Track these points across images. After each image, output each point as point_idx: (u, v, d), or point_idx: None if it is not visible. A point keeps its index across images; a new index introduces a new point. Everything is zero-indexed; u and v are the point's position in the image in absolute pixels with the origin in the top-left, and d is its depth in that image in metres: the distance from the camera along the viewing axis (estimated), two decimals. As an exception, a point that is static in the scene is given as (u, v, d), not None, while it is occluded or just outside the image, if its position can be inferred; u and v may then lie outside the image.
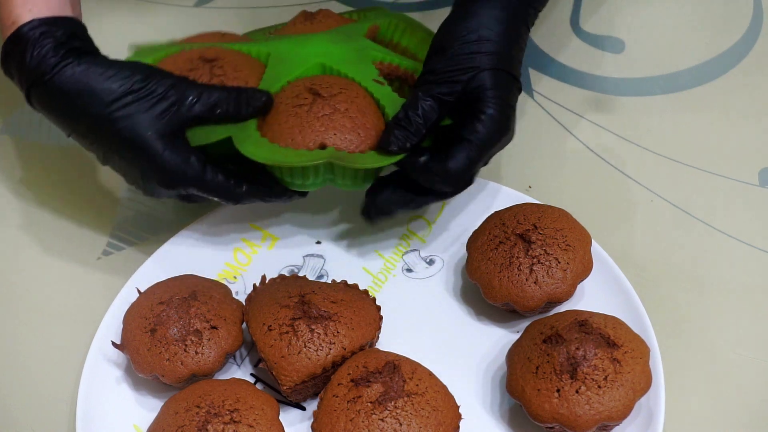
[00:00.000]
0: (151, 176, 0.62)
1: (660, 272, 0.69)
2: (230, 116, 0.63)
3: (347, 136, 0.63)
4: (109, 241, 0.73)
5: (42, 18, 0.61)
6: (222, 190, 0.63)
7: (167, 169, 0.61)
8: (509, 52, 0.63)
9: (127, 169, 0.63)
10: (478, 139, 0.61)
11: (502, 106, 0.62)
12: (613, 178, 0.75)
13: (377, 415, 0.55)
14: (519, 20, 0.64)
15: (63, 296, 0.70)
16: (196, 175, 0.62)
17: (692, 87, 0.81)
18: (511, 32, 0.63)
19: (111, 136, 0.61)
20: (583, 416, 0.55)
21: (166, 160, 0.61)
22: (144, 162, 0.61)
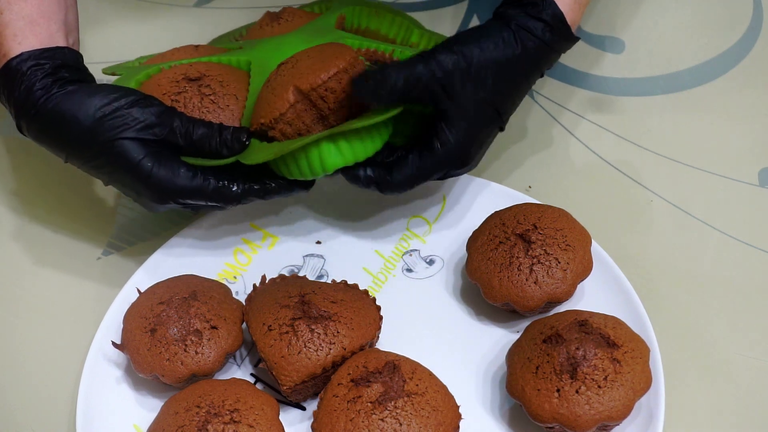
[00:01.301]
0: (145, 194, 0.62)
1: (660, 272, 0.69)
2: (212, 154, 0.63)
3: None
4: (109, 241, 0.73)
5: (31, 51, 0.61)
6: (217, 195, 0.63)
7: (159, 186, 0.62)
8: (503, 86, 0.63)
9: (123, 189, 0.64)
10: (428, 162, 0.63)
11: (467, 140, 0.63)
12: (613, 178, 0.75)
13: (377, 415, 0.55)
14: (533, 63, 0.64)
15: (63, 296, 0.70)
16: (188, 186, 0.62)
17: (692, 87, 0.81)
18: (519, 70, 0.63)
19: (98, 158, 0.62)
20: (583, 416, 0.55)
21: (156, 177, 0.61)
22: (134, 181, 0.62)
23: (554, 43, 0.64)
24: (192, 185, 0.62)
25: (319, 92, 0.61)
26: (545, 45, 0.64)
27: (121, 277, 0.69)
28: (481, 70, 0.62)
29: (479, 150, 0.64)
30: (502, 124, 0.65)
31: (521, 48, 0.63)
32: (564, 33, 0.64)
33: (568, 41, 0.65)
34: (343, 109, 0.62)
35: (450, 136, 0.62)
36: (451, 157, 0.63)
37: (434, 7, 0.89)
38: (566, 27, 0.64)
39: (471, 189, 0.72)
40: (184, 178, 0.62)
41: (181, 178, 0.62)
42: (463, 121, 0.62)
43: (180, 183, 0.62)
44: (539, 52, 0.64)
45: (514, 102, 0.65)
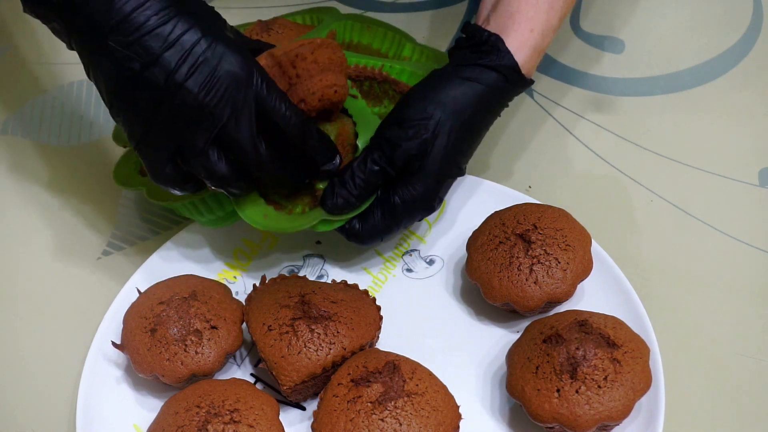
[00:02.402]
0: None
1: (660, 272, 0.69)
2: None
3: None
4: (109, 241, 0.73)
5: None
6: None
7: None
8: (463, 144, 0.64)
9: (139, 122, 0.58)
10: (390, 219, 0.64)
11: (430, 194, 0.64)
12: (613, 178, 0.75)
13: (377, 415, 0.55)
14: (488, 112, 0.65)
15: (63, 296, 0.70)
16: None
17: (692, 87, 0.81)
18: (476, 123, 0.64)
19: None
20: (583, 416, 0.55)
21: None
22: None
23: (508, 90, 0.65)
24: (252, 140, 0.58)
25: (290, 56, 0.60)
26: (498, 92, 0.64)
27: (121, 277, 0.69)
28: (442, 134, 0.63)
29: (440, 197, 0.65)
30: (462, 172, 0.66)
31: (476, 100, 0.63)
32: (518, 81, 0.65)
33: (522, 87, 0.66)
34: (311, 80, 0.62)
35: (414, 192, 0.63)
36: (414, 210, 0.64)
37: (434, 7, 0.89)
38: (521, 77, 0.64)
39: (471, 189, 0.72)
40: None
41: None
42: (426, 179, 0.63)
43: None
44: (493, 100, 0.65)
45: (473, 151, 0.66)
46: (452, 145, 0.63)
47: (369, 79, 0.71)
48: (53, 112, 0.82)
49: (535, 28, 0.64)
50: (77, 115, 0.82)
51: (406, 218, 0.65)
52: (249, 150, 0.58)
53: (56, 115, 0.82)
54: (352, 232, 0.65)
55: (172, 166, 0.59)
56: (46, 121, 0.82)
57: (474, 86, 0.63)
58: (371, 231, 0.65)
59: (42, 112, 0.82)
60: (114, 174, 0.70)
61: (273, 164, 0.60)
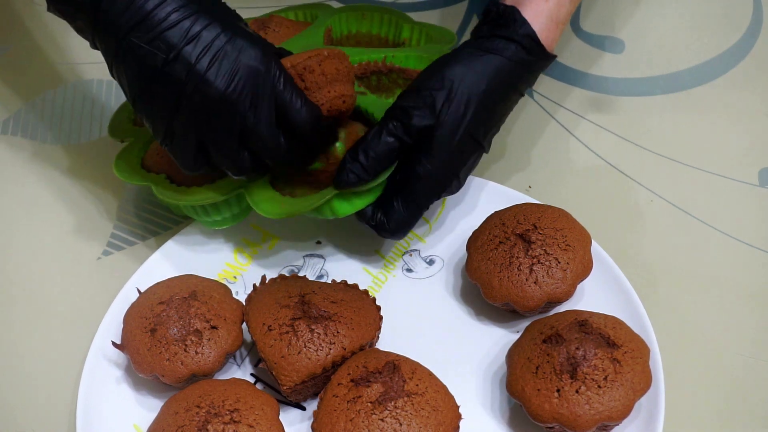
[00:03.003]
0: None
1: (660, 272, 0.69)
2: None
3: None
4: (109, 241, 0.73)
5: None
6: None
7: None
8: (481, 116, 0.63)
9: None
10: (411, 199, 0.64)
11: (448, 170, 0.63)
12: (613, 178, 0.75)
13: (377, 415, 0.55)
14: (509, 86, 0.64)
15: (63, 296, 0.70)
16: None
17: (692, 87, 0.81)
18: (495, 96, 0.64)
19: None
20: (583, 416, 0.55)
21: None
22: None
23: (529, 64, 0.64)
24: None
25: (298, 69, 0.61)
26: (519, 65, 0.64)
27: (121, 277, 0.69)
28: (458, 102, 0.62)
29: (459, 176, 0.65)
30: (484, 149, 0.65)
31: (495, 72, 0.63)
32: (538, 52, 0.64)
33: (544, 60, 0.65)
34: (320, 91, 0.62)
35: (429, 168, 0.63)
36: (432, 188, 0.64)
37: (434, 7, 0.89)
38: (540, 47, 0.64)
39: (471, 189, 0.72)
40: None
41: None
42: (441, 152, 0.63)
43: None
44: (513, 74, 0.64)
45: (493, 126, 0.65)
46: (468, 115, 0.62)
47: (375, 73, 0.71)
48: (53, 112, 0.82)
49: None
50: (77, 114, 0.82)
51: (425, 198, 0.64)
52: (269, 141, 0.59)
53: (56, 115, 0.82)
54: (380, 227, 0.65)
55: (200, 157, 0.60)
56: (47, 121, 0.82)
57: (493, 58, 0.63)
58: (398, 223, 0.65)
59: (42, 111, 0.83)
60: (115, 167, 0.70)
61: (290, 155, 0.61)
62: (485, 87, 0.63)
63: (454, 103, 0.62)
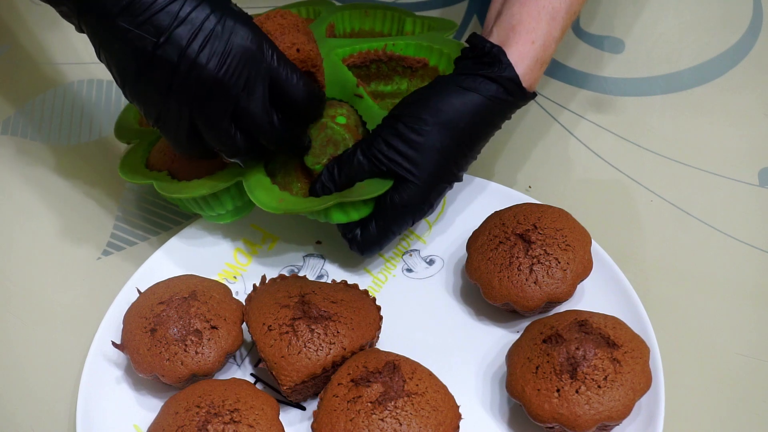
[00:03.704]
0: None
1: (660, 272, 0.69)
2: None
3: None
4: (109, 241, 0.73)
5: None
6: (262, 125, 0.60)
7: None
8: (457, 151, 0.64)
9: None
10: (386, 221, 0.64)
11: (422, 199, 0.64)
12: (613, 178, 0.75)
13: (377, 415, 0.55)
14: (487, 123, 0.65)
15: (63, 296, 0.70)
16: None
17: (692, 87, 0.81)
18: (473, 133, 0.64)
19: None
20: (583, 416, 0.55)
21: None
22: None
23: (509, 103, 0.65)
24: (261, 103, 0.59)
25: None
26: (498, 104, 0.64)
27: (121, 277, 0.69)
28: (435, 136, 0.63)
29: (431, 203, 0.65)
30: (458, 179, 0.66)
31: (474, 111, 0.63)
32: (519, 94, 0.65)
33: (523, 100, 0.66)
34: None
35: (404, 196, 0.63)
36: (404, 214, 0.64)
37: (434, 7, 0.89)
38: (521, 90, 0.64)
39: (471, 189, 0.72)
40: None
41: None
42: (416, 183, 0.63)
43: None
44: (493, 111, 0.64)
45: (470, 159, 0.66)
46: (445, 151, 0.63)
47: (375, 61, 0.72)
48: (53, 112, 0.82)
49: (536, 40, 0.64)
50: (77, 114, 0.82)
51: (396, 223, 0.65)
52: (263, 122, 0.59)
53: (56, 115, 0.82)
54: (354, 242, 0.66)
55: (194, 137, 0.60)
56: (46, 121, 0.82)
57: (473, 96, 0.63)
58: (368, 240, 0.66)
59: (42, 112, 0.83)
60: (120, 168, 0.70)
61: (284, 134, 0.61)
62: (463, 125, 0.63)
63: (430, 141, 0.63)
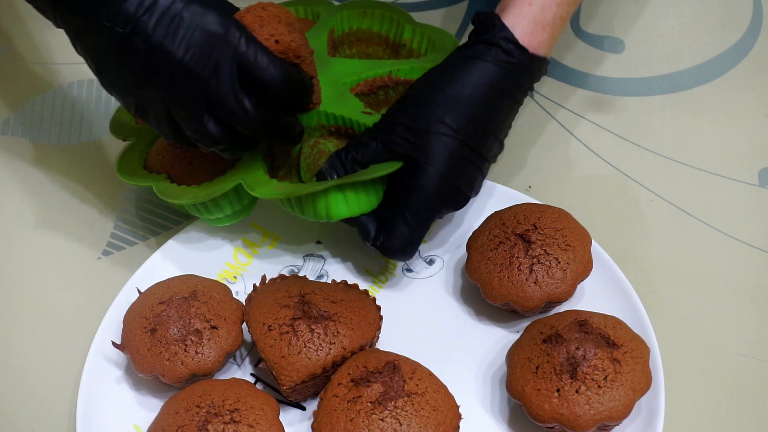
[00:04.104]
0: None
1: (660, 272, 0.69)
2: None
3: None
4: (109, 241, 0.73)
5: None
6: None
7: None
8: (471, 122, 0.63)
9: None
10: (411, 213, 0.63)
11: (443, 183, 0.62)
12: (613, 178, 0.75)
13: (377, 415, 0.55)
14: (494, 90, 0.64)
15: (63, 296, 0.70)
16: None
17: (692, 87, 0.81)
18: (481, 100, 0.63)
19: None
20: (583, 416, 0.55)
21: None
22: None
23: (513, 67, 0.64)
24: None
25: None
26: (502, 68, 0.63)
27: (121, 277, 0.69)
28: (443, 112, 0.62)
29: (461, 188, 0.64)
30: (486, 158, 0.64)
31: (476, 76, 0.63)
32: (521, 55, 0.64)
33: (530, 63, 0.64)
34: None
35: (425, 180, 0.62)
36: (431, 201, 0.63)
37: (434, 7, 0.89)
38: (521, 49, 0.63)
39: (471, 189, 0.72)
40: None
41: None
42: (437, 164, 0.62)
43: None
44: (497, 77, 0.63)
45: (489, 134, 0.64)
46: (457, 124, 0.62)
47: (382, 87, 0.72)
48: (53, 112, 0.82)
49: (533, 3, 0.64)
50: (77, 115, 0.82)
51: (425, 212, 0.63)
52: (234, 107, 0.57)
53: (56, 115, 0.82)
54: (385, 247, 0.65)
55: (177, 128, 0.60)
56: (46, 121, 0.82)
57: (474, 62, 0.63)
58: (402, 240, 0.64)
59: (42, 112, 0.82)
60: (117, 168, 0.70)
61: (260, 120, 0.59)
62: (468, 92, 0.63)
63: (438, 114, 0.62)
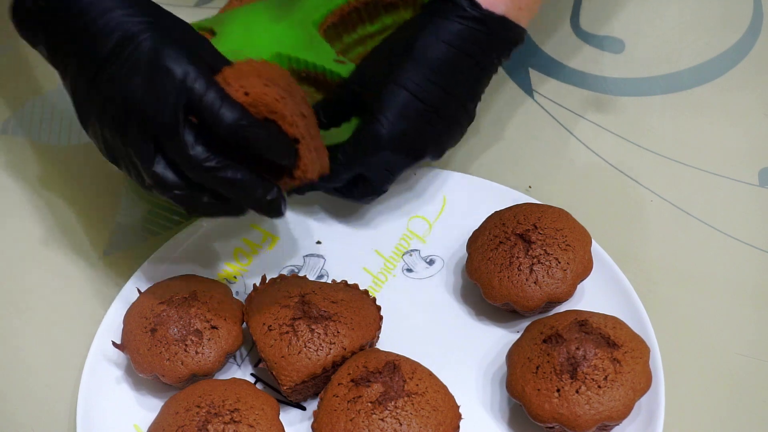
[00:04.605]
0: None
1: (660, 272, 0.69)
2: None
3: None
4: (109, 241, 0.73)
5: None
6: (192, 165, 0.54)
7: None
8: (432, 81, 0.63)
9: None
10: (366, 155, 0.64)
11: (390, 129, 0.63)
12: (613, 178, 0.75)
13: (377, 415, 0.55)
14: (461, 53, 0.64)
15: (63, 296, 0.70)
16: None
17: (692, 87, 0.81)
18: (447, 63, 0.63)
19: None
20: (583, 416, 0.55)
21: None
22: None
23: (471, 23, 0.63)
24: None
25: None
26: (461, 30, 0.63)
27: (121, 277, 0.69)
28: (400, 68, 0.63)
29: (416, 142, 0.64)
30: (441, 118, 0.64)
31: (435, 34, 0.63)
32: (475, 10, 0.63)
33: (487, 21, 0.63)
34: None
35: (377, 131, 0.63)
36: (383, 149, 0.63)
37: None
38: (479, 10, 0.63)
39: (471, 189, 0.72)
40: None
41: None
42: (386, 117, 0.63)
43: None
44: (456, 35, 0.63)
45: (446, 91, 0.64)
46: (406, 81, 0.63)
47: (353, 11, 0.71)
48: (53, 112, 0.82)
49: None
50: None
51: (382, 165, 0.65)
52: (177, 145, 0.53)
53: (56, 115, 0.82)
54: (354, 193, 0.67)
55: (140, 175, 0.57)
56: (46, 121, 0.82)
57: (433, 20, 0.63)
58: (366, 186, 0.67)
59: (42, 112, 0.82)
60: None
61: (211, 167, 0.54)
62: (423, 47, 0.63)
63: (395, 70, 0.63)
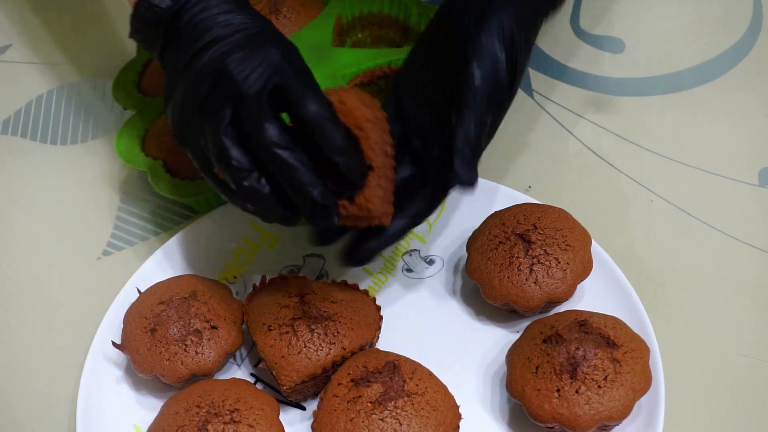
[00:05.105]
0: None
1: (660, 272, 0.69)
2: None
3: None
4: (109, 241, 0.73)
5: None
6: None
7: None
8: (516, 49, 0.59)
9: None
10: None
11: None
12: (613, 178, 0.75)
13: (377, 415, 0.55)
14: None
15: (63, 296, 0.70)
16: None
17: (692, 87, 0.81)
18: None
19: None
20: (583, 416, 0.55)
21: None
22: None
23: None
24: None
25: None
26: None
27: (121, 277, 0.69)
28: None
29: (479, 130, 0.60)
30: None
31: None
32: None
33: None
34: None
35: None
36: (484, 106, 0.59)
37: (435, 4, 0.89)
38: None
39: (471, 189, 0.72)
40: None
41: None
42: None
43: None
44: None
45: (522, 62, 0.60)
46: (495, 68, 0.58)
47: (382, 77, 0.72)
48: (53, 112, 0.82)
49: None
50: (77, 115, 0.82)
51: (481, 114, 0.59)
52: (253, 113, 0.52)
53: (56, 115, 0.82)
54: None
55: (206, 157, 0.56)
56: (46, 121, 0.82)
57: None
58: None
59: (42, 112, 0.82)
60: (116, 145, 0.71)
61: (280, 150, 0.52)
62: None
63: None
